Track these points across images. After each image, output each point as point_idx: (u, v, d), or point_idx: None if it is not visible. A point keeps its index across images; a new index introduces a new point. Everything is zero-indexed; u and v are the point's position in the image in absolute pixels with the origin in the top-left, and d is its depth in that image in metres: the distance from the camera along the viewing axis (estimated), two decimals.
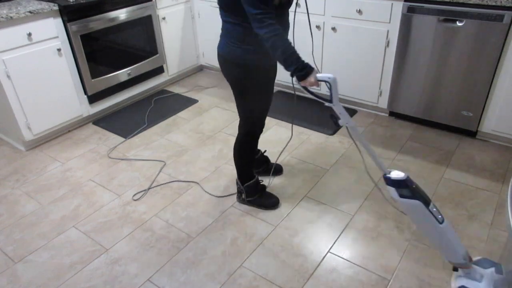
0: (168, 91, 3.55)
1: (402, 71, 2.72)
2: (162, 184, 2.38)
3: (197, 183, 2.37)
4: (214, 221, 2.09)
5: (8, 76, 2.47)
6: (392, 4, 2.56)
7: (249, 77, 1.71)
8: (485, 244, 1.89)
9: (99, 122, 3.09)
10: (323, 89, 3.05)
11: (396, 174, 1.48)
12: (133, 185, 2.38)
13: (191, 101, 3.35)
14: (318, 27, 2.93)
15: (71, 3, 2.65)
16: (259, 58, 1.74)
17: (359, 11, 2.70)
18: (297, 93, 3.41)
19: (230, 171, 2.47)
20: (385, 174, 1.51)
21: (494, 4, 2.23)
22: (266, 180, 2.32)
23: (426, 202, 1.46)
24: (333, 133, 2.81)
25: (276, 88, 3.53)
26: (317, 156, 2.58)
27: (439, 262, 1.81)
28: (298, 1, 2.88)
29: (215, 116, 3.12)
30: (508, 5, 2.20)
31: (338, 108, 1.55)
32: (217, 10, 3.43)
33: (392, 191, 1.49)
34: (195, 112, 3.20)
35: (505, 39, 2.29)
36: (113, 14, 2.92)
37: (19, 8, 2.49)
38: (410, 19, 2.52)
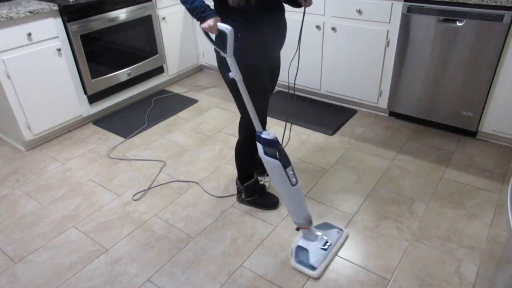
0: (168, 91, 3.55)
1: (402, 71, 2.72)
2: (162, 184, 2.38)
3: (197, 183, 2.37)
4: (214, 221, 2.09)
5: (8, 76, 2.47)
6: (392, 4, 2.56)
7: (244, 77, 1.71)
8: (485, 244, 1.89)
9: (99, 122, 3.09)
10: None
11: (267, 134, 1.67)
12: (133, 185, 2.38)
13: (191, 101, 3.35)
14: (318, 27, 2.93)
15: (71, 3, 2.65)
16: (252, 56, 1.73)
17: (359, 11, 2.70)
18: (297, 93, 3.41)
19: (230, 171, 2.47)
20: (258, 132, 1.70)
21: (494, 4, 2.23)
22: (266, 180, 2.32)
23: (285, 165, 1.66)
24: (333, 133, 2.81)
25: (276, 88, 3.53)
26: (317, 156, 2.58)
27: (439, 262, 1.81)
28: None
29: (215, 116, 3.12)
30: (508, 5, 2.20)
31: (230, 60, 1.63)
32: None
33: (260, 147, 1.69)
34: (195, 112, 3.20)
35: (505, 39, 2.29)
36: (113, 14, 2.92)
37: (19, 8, 2.49)
38: (410, 19, 2.52)
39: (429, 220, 2.04)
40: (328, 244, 1.85)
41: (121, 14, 2.98)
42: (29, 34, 2.50)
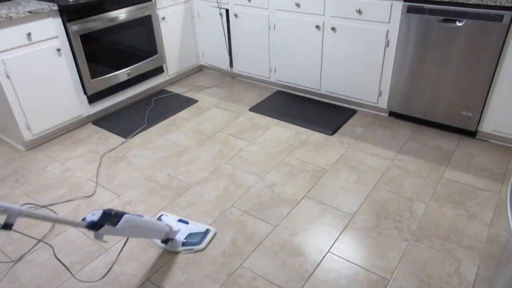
0: (167, 91, 3.55)
1: (402, 71, 2.72)
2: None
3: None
4: (214, 221, 2.09)
5: (8, 76, 2.47)
6: (391, 4, 2.56)
7: None
8: (484, 244, 1.89)
9: (98, 122, 3.08)
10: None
11: (90, 216, 1.48)
12: (132, 185, 2.38)
13: (190, 101, 3.35)
14: (317, 27, 2.93)
15: (71, 3, 2.65)
16: None
17: (359, 11, 2.70)
18: (297, 93, 3.41)
19: (229, 171, 2.47)
20: (86, 223, 1.47)
21: (493, 4, 2.23)
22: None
23: (114, 222, 1.52)
24: (333, 133, 2.81)
25: (275, 88, 3.53)
26: (317, 156, 2.58)
27: (439, 262, 1.81)
28: (298, 2, 2.89)
29: (214, 116, 3.12)
30: (507, 5, 2.20)
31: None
32: (217, 10, 3.44)
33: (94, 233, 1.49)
34: (195, 112, 3.20)
35: (505, 39, 2.29)
36: (112, 14, 2.92)
37: (18, 8, 2.49)
38: (410, 19, 2.52)
39: (429, 220, 2.04)
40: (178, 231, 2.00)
41: (121, 14, 2.97)
42: (29, 34, 2.50)
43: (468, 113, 2.59)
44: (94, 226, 1.46)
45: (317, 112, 3.10)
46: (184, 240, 1.95)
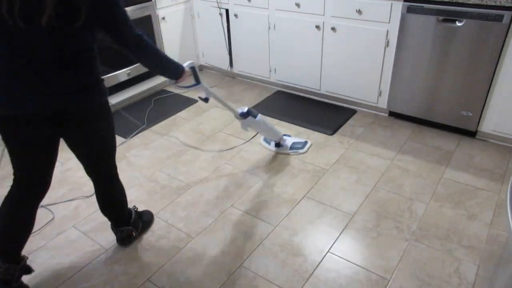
0: (167, 91, 3.55)
1: (402, 71, 2.72)
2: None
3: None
4: (214, 221, 2.09)
5: None
6: (391, 4, 2.56)
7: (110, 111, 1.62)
8: (484, 244, 1.89)
9: None
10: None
11: (241, 109, 2.32)
12: (132, 185, 2.38)
13: (190, 101, 3.36)
14: (317, 27, 2.93)
15: None
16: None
17: (359, 11, 2.70)
18: (297, 93, 3.41)
19: (229, 171, 2.47)
20: (240, 113, 2.31)
21: (493, 4, 2.23)
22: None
23: (255, 115, 2.36)
24: (333, 133, 2.82)
25: (275, 88, 3.53)
26: (317, 156, 2.58)
27: (439, 262, 1.81)
28: (298, 2, 2.89)
29: (214, 116, 3.12)
30: (507, 5, 2.20)
31: (203, 86, 2.13)
32: (217, 10, 3.44)
33: (243, 121, 2.34)
34: (195, 112, 3.20)
35: (505, 39, 2.29)
36: None
37: None
38: (410, 19, 2.53)
39: (429, 220, 2.04)
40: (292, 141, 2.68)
41: None
42: None
43: (468, 113, 2.59)
44: (244, 115, 2.31)
45: (317, 112, 3.10)
46: (291, 146, 2.60)
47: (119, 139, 2.85)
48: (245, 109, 2.32)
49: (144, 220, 2.05)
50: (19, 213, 1.63)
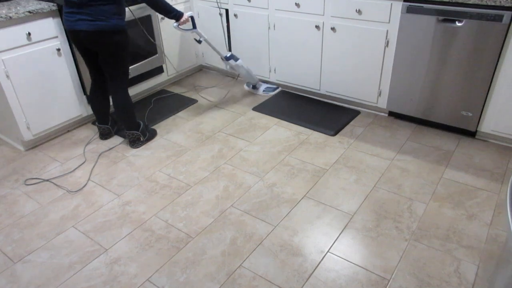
0: (167, 91, 3.55)
1: (402, 71, 2.72)
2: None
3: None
4: (213, 221, 2.09)
5: (8, 76, 2.47)
6: (391, 4, 2.56)
7: (127, 39, 2.42)
8: (484, 244, 1.89)
9: None
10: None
11: (225, 53, 3.08)
12: (132, 185, 2.38)
13: (190, 101, 3.35)
14: (317, 27, 2.93)
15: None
16: (125, 24, 2.40)
17: (359, 11, 2.70)
18: (297, 92, 3.41)
19: (229, 171, 2.47)
20: (224, 56, 3.07)
21: (493, 4, 2.23)
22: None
23: (236, 59, 3.10)
24: (336, 133, 2.81)
25: (277, 89, 3.53)
26: (317, 156, 2.58)
27: (439, 262, 1.81)
28: (298, 2, 2.89)
29: (214, 116, 3.12)
30: (507, 5, 2.20)
31: (198, 32, 2.85)
32: (217, 10, 3.44)
33: (226, 62, 3.10)
34: (195, 112, 3.20)
35: (504, 39, 2.29)
36: None
37: (18, 8, 2.49)
38: (410, 19, 2.53)
39: (429, 220, 2.04)
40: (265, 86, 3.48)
41: None
42: (29, 34, 2.50)
43: (467, 113, 2.59)
44: (227, 58, 3.06)
45: (318, 112, 3.09)
46: (264, 89, 3.40)
47: (119, 139, 2.86)
48: (229, 54, 3.06)
49: (150, 131, 2.84)
50: (99, 95, 2.68)
